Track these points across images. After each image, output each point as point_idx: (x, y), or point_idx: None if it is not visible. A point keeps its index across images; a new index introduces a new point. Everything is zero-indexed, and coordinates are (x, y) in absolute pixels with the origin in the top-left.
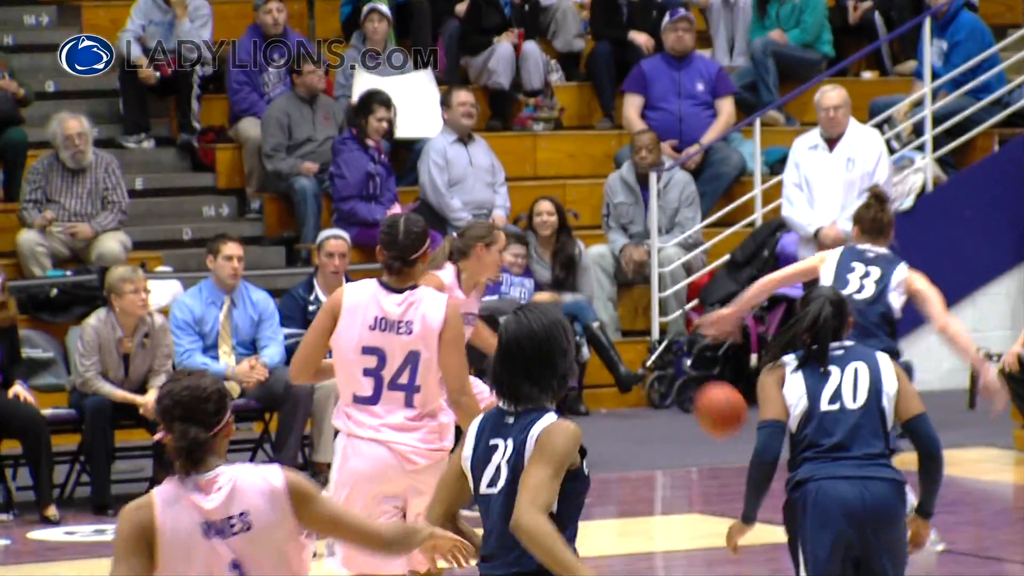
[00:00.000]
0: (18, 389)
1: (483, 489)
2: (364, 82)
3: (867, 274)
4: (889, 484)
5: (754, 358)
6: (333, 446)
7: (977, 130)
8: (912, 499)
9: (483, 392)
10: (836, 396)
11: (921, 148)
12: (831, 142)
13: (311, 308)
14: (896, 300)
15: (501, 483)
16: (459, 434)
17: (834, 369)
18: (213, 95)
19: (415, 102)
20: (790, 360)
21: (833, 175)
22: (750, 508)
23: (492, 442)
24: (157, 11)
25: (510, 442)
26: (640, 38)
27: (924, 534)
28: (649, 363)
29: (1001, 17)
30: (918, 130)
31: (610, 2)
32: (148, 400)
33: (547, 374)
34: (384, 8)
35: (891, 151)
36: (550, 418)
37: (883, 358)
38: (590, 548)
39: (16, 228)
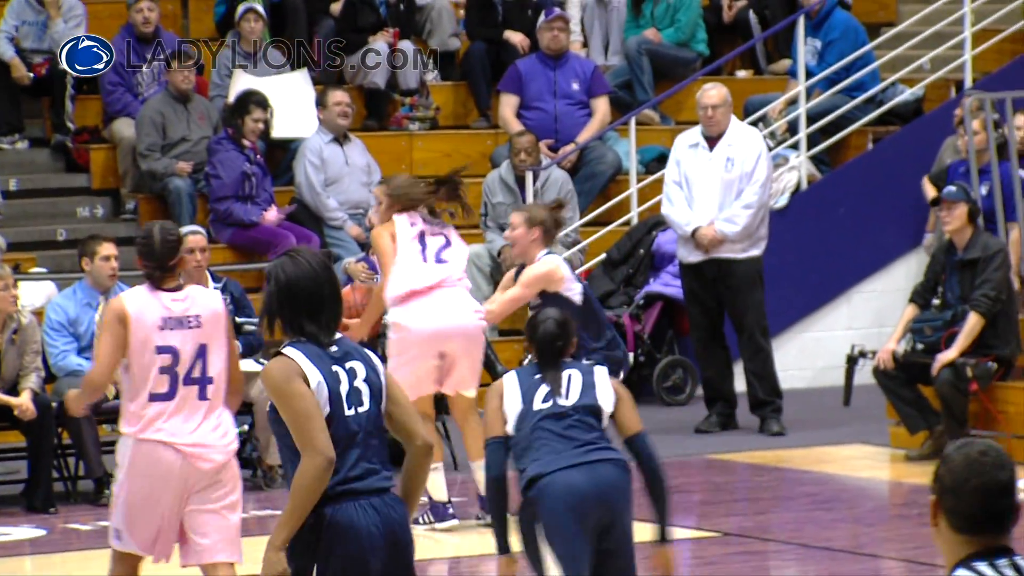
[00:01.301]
0: None
1: (347, 412)
2: (240, 82)
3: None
4: (615, 464)
5: (631, 356)
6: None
7: (851, 128)
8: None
9: None
10: (549, 396)
11: (795, 146)
12: (711, 141)
13: None
14: None
15: (366, 402)
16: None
17: (552, 375)
18: (87, 95)
19: (291, 102)
20: (510, 375)
21: (712, 174)
22: (501, 540)
23: (332, 369)
24: (31, 11)
25: (357, 364)
26: (515, 37)
27: (671, 564)
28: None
29: (874, 16)
30: (792, 128)
31: (485, 1)
32: (22, 402)
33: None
34: (259, 7)
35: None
36: None
37: (597, 368)
38: (484, 547)
39: None
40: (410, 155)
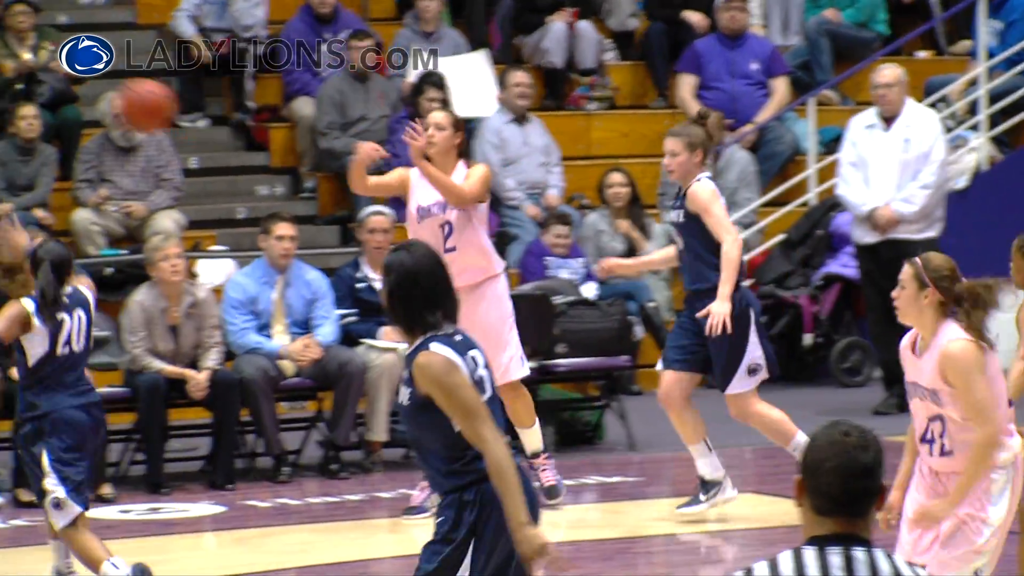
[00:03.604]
0: None
1: (486, 398)
2: (419, 62)
3: None
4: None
5: (807, 337)
6: (387, 424)
7: None
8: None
9: None
10: (67, 342)
11: (976, 127)
12: (888, 121)
13: (359, 286)
14: None
15: (489, 388)
16: None
17: (64, 316)
18: (267, 74)
19: (471, 82)
20: (29, 303)
21: (889, 155)
22: None
23: (468, 358)
24: None
25: (476, 353)
26: (694, 17)
27: None
28: None
29: None
30: (973, 109)
31: None
32: (196, 376)
33: None
34: None
35: (946, 130)
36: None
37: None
38: (644, 527)
39: (71, 207)
40: (587, 135)
